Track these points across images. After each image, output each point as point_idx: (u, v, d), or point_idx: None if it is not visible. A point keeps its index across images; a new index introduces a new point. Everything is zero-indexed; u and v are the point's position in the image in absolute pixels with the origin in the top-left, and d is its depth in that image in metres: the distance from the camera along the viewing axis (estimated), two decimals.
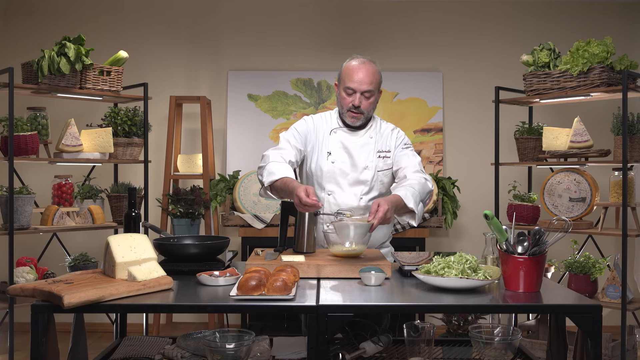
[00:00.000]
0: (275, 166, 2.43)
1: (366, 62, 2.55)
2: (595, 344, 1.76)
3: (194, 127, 4.76)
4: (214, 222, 4.45)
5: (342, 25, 4.77)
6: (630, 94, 3.47)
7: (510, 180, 4.28)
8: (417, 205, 2.37)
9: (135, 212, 2.40)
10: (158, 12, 4.76)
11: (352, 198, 2.58)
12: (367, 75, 2.51)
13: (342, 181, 2.60)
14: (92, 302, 1.75)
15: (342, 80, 2.56)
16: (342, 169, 2.59)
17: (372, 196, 2.60)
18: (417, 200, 2.38)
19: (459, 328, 3.81)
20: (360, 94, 2.52)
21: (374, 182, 2.59)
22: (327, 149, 2.61)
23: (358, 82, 2.51)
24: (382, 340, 2.17)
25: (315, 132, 2.65)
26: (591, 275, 3.58)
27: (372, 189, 2.60)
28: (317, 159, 2.63)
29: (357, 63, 2.54)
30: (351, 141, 2.61)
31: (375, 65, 2.56)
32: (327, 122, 2.67)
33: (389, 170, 2.63)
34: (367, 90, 2.52)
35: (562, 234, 2.03)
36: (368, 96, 2.54)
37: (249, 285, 1.83)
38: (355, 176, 2.59)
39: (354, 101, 2.53)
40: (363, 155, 2.60)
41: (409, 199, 2.33)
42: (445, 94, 4.75)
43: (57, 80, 3.53)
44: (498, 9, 4.76)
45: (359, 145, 2.61)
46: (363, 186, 2.59)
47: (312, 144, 2.64)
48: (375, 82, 2.54)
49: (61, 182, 3.76)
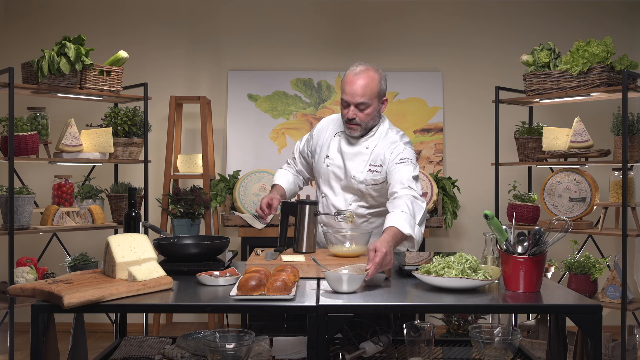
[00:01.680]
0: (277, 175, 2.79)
1: (364, 71, 2.46)
2: (595, 344, 1.76)
3: (194, 127, 4.76)
4: (214, 222, 4.45)
5: (342, 25, 4.77)
6: (630, 94, 3.47)
7: (510, 180, 4.28)
8: (414, 229, 2.25)
9: (135, 212, 2.40)
10: (158, 12, 4.76)
11: (343, 203, 2.59)
12: (360, 87, 2.42)
13: (335, 185, 2.61)
14: (92, 302, 1.75)
15: (341, 90, 2.51)
16: (335, 174, 2.59)
17: (361, 204, 2.58)
18: (413, 223, 2.26)
19: (459, 328, 3.81)
20: (354, 106, 2.46)
21: (361, 193, 2.56)
22: (326, 152, 2.63)
23: (351, 95, 2.44)
24: (382, 340, 2.17)
25: (324, 132, 2.68)
26: (591, 275, 3.58)
27: (361, 198, 2.58)
28: (318, 160, 2.65)
29: (353, 74, 2.46)
30: (347, 148, 2.58)
31: (374, 74, 2.47)
32: (336, 124, 2.66)
33: (379, 185, 2.53)
34: (361, 103, 2.44)
35: (562, 234, 2.03)
36: (362, 108, 2.46)
37: (249, 285, 1.83)
38: (344, 183, 2.58)
39: (347, 114, 2.48)
40: (354, 164, 2.55)
41: (405, 226, 2.21)
42: (445, 94, 4.75)
43: (57, 80, 3.53)
44: (498, 9, 4.76)
45: (352, 154, 2.56)
46: (351, 194, 2.58)
47: (320, 144, 2.67)
48: (369, 93, 2.44)
49: (61, 182, 3.76)
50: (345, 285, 1.90)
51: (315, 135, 2.70)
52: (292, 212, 2.47)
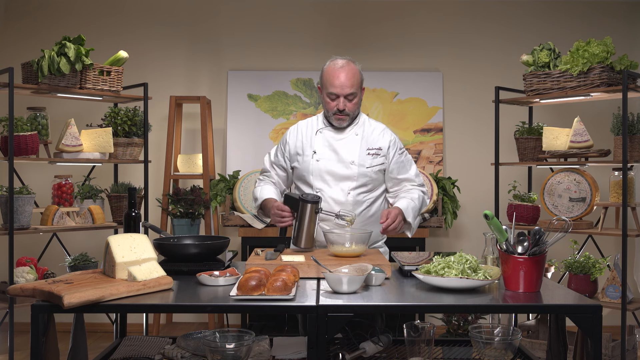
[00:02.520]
0: (258, 191, 2.72)
1: (345, 64, 2.59)
2: (595, 344, 1.76)
3: (194, 127, 4.76)
4: (214, 222, 4.45)
5: (342, 25, 4.77)
6: (630, 94, 3.47)
7: (510, 180, 4.28)
8: (415, 220, 2.61)
9: (135, 212, 2.40)
10: (158, 12, 4.76)
11: (340, 194, 2.62)
12: (347, 79, 2.56)
13: (328, 178, 2.64)
14: (92, 302, 1.75)
15: (324, 85, 2.63)
16: (327, 167, 2.64)
17: (360, 192, 2.63)
18: (415, 214, 2.62)
19: (459, 328, 3.81)
20: (343, 98, 2.59)
21: (362, 177, 2.62)
22: (312, 149, 2.67)
23: (340, 87, 2.57)
24: (382, 340, 2.17)
25: (300, 136, 2.73)
26: (591, 275, 3.58)
27: (360, 184, 2.63)
28: (304, 159, 2.69)
29: (336, 67, 2.59)
30: (336, 139, 2.67)
31: (355, 65, 2.61)
32: (313, 125, 2.75)
33: (380, 168, 2.66)
34: (350, 93, 2.58)
35: (562, 234, 2.03)
36: (351, 98, 2.59)
37: (249, 285, 1.83)
38: (341, 172, 2.63)
39: (338, 105, 2.60)
40: (349, 151, 2.64)
41: (409, 213, 2.57)
42: (445, 94, 4.75)
43: (57, 80, 3.53)
44: (498, 9, 4.76)
45: (344, 143, 2.66)
46: (350, 182, 2.63)
47: (297, 148, 2.72)
48: (356, 84, 2.59)
49: (61, 182, 3.76)
50: (345, 285, 1.90)
51: (291, 142, 2.75)
52: (294, 207, 2.49)
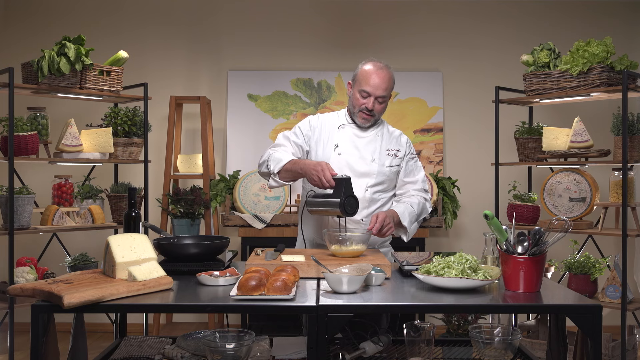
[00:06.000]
0: (279, 154, 2.55)
1: (383, 67, 2.61)
2: (595, 344, 1.76)
3: (194, 127, 4.76)
4: (214, 222, 4.45)
5: (342, 25, 4.77)
6: (630, 94, 3.47)
7: (510, 180, 4.28)
8: (411, 225, 2.59)
9: (135, 212, 2.40)
10: (158, 12, 4.76)
11: (358, 189, 2.60)
12: (383, 82, 2.57)
13: (348, 173, 2.62)
14: (92, 302, 1.75)
15: (358, 81, 2.62)
16: (348, 161, 2.64)
17: (377, 190, 2.65)
18: (413, 219, 2.60)
19: (459, 328, 3.81)
20: (374, 99, 2.59)
21: (380, 176, 2.64)
22: (334, 142, 2.66)
23: (374, 87, 2.57)
24: (382, 340, 2.17)
25: (321, 127, 2.71)
26: (591, 275, 3.58)
27: (378, 182, 2.65)
28: (324, 151, 2.67)
29: (375, 68, 2.60)
30: (359, 136, 2.69)
31: (390, 72, 2.63)
32: (335, 119, 2.74)
33: (397, 169, 2.71)
34: (382, 96, 2.59)
35: (562, 234, 2.03)
36: (381, 101, 2.61)
37: (249, 285, 1.83)
38: (362, 169, 2.64)
39: (367, 104, 2.60)
40: (370, 149, 2.67)
41: (405, 217, 2.56)
42: (445, 94, 4.75)
43: (57, 80, 3.53)
44: (498, 9, 4.76)
45: (366, 141, 2.68)
46: (368, 178, 2.64)
47: (317, 139, 2.69)
48: (389, 89, 2.62)
49: (61, 182, 3.76)
50: (345, 285, 1.90)
51: (315, 128, 2.70)
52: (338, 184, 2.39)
